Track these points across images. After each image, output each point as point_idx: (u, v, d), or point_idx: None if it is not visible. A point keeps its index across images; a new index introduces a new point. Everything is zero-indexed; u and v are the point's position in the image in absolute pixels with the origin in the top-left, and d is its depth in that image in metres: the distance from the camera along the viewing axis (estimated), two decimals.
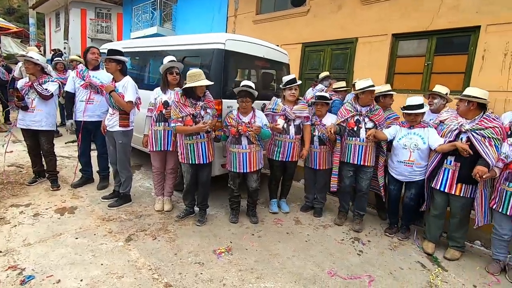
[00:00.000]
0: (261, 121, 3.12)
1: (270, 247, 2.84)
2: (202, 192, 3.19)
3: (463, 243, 2.91)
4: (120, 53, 3.16)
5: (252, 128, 2.98)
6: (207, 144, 3.01)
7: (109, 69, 3.17)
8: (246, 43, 3.53)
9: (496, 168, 2.57)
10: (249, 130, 2.99)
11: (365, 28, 5.49)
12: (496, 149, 2.53)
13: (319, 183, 3.55)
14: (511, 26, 4.11)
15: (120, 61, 3.16)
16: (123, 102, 3.12)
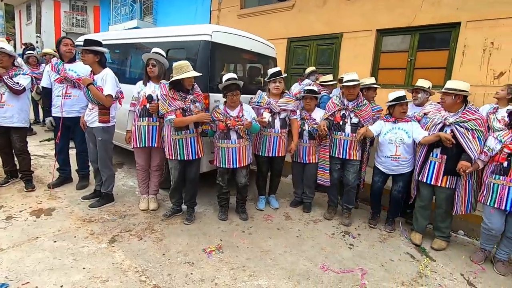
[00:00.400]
0: (250, 115, 3.05)
1: (261, 243, 2.78)
2: (190, 190, 3.08)
3: (448, 233, 2.98)
4: (97, 43, 2.96)
5: (242, 122, 2.90)
6: (197, 139, 2.90)
7: (86, 61, 2.97)
8: (233, 35, 3.43)
9: (479, 160, 2.62)
10: (239, 124, 2.91)
11: (350, 23, 5.52)
12: (479, 141, 2.58)
13: (307, 177, 3.51)
14: (489, 22, 4.24)
15: (98, 52, 2.95)
16: (102, 96, 2.92)
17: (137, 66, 4.00)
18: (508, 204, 2.43)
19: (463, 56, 4.49)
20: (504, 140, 2.46)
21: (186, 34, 3.31)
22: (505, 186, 2.43)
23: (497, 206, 2.48)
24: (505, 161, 2.42)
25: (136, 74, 4.01)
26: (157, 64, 3.00)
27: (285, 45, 6.41)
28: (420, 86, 3.31)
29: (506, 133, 2.49)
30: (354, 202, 3.46)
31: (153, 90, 3.03)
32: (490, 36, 4.26)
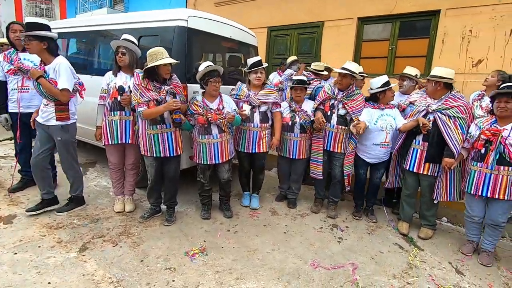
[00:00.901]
0: (230, 107, 2.85)
1: (247, 242, 2.63)
2: (170, 189, 2.85)
3: (434, 221, 2.96)
4: (42, 27, 2.48)
5: (224, 115, 2.70)
6: (174, 134, 2.67)
7: (30, 50, 2.52)
8: (211, 21, 3.19)
9: (464, 149, 2.59)
10: (221, 118, 2.70)
11: (331, 12, 5.40)
12: (461, 129, 2.55)
13: (295, 173, 3.37)
14: (468, 10, 4.25)
15: (44, 38, 2.49)
16: (56, 90, 2.51)
17: (106, 55, 3.68)
18: (484, 190, 2.40)
19: (443, 44, 4.50)
20: (483, 126, 2.41)
21: (159, 19, 3.03)
22: (482, 173, 2.40)
23: (474, 192, 2.47)
24: (482, 147, 2.38)
25: (106, 65, 3.69)
26: (127, 52, 2.72)
27: (265, 34, 6.20)
28: (407, 73, 3.24)
29: (487, 119, 2.46)
30: (340, 195, 3.38)
31: (125, 81, 2.76)
32: (469, 24, 4.28)
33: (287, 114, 3.20)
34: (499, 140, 2.27)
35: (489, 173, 2.36)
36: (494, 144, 2.28)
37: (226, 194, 3.09)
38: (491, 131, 2.30)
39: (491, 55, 4.17)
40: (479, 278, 2.37)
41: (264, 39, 6.19)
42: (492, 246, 2.56)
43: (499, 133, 2.26)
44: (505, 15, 4.01)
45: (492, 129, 2.32)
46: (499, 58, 4.11)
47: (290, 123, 3.18)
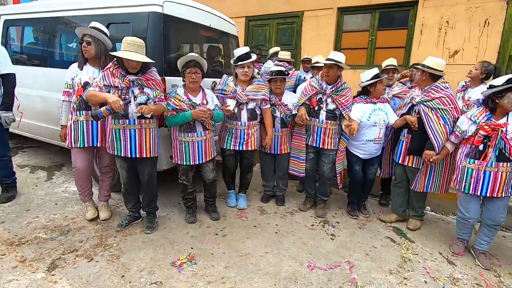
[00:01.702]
0: (212, 101, 2.64)
1: (238, 246, 2.47)
2: (147, 194, 2.59)
3: (421, 212, 2.95)
4: None
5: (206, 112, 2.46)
6: (140, 133, 2.35)
7: None
8: (189, 7, 2.91)
9: (449, 143, 2.51)
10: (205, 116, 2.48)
11: (310, 2, 5.27)
12: (443, 121, 2.48)
13: (280, 169, 3.22)
14: (445, 1, 4.31)
15: None
16: None
17: (69, 46, 3.28)
18: (484, 190, 2.27)
19: (421, 35, 4.55)
20: (479, 121, 2.26)
21: (130, 4, 2.70)
22: (480, 171, 2.26)
23: (472, 192, 2.31)
24: (480, 143, 2.24)
25: (69, 57, 3.29)
26: (93, 41, 2.40)
27: (243, 24, 5.96)
28: (395, 65, 3.22)
29: (480, 112, 2.29)
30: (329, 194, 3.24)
31: (91, 76, 2.45)
32: (445, 15, 4.34)
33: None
34: (500, 136, 2.16)
35: (489, 171, 2.23)
36: (494, 139, 2.18)
37: (212, 195, 2.89)
38: (491, 126, 2.18)
39: (467, 46, 4.27)
40: (470, 267, 2.40)
41: (242, 29, 5.95)
42: (489, 246, 2.46)
43: (500, 128, 2.16)
44: (480, 7, 4.11)
45: (492, 123, 2.19)
46: (474, 49, 4.22)
47: None
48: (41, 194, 3.15)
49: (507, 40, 4.01)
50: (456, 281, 2.22)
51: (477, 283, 2.21)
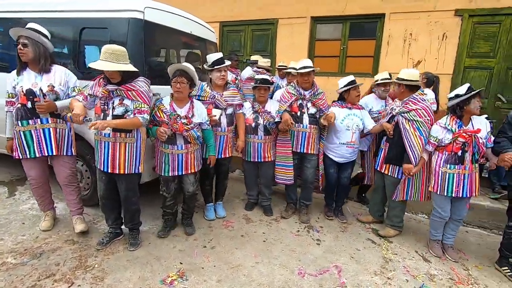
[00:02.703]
0: (201, 116, 2.53)
1: (228, 258, 2.44)
2: (127, 210, 2.44)
3: (397, 222, 2.95)
4: None
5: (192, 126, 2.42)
6: (114, 146, 2.22)
7: None
8: (170, 14, 2.83)
9: (425, 153, 2.63)
10: (187, 128, 2.40)
11: (285, 9, 5.39)
12: (419, 132, 2.57)
13: (264, 177, 3.21)
14: (408, 15, 4.65)
15: None
16: None
17: None
18: (464, 191, 2.45)
19: (388, 45, 4.86)
20: (454, 129, 2.42)
21: (107, 9, 2.56)
22: (461, 175, 2.43)
23: (455, 195, 2.47)
24: (459, 150, 2.41)
25: None
26: (30, 43, 2.24)
27: (218, 29, 5.91)
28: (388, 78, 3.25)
29: (451, 120, 2.47)
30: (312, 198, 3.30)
31: (34, 82, 2.29)
32: (409, 28, 4.69)
33: (250, 115, 3.04)
34: (475, 141, 2.38)
35: (467, 174, 2.43)
36: (470, 145, 2.40)
37: (189, 209, 2.79)
38: (468, 133, 2.37)
39: (428, 56, 4.65)
40: (442, 263, 2.61)
41: (217, 34, 5.89)
42: (453, 240, 2.71)
43: (477, 133, 2.37)
44: (439, 22, 4.50)
45: (468, 130, 2.38)
46: (434, 59, 4.61)
47: (253, 125, 3.01)
48: (4, 213, 2.85)
49: (462, 52, 4.44)
50: (432, 277, 2.40)
51: (450, 277, 2.41)
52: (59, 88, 2.36)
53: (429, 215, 3.46)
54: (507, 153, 2.25)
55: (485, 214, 3.36)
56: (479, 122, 2.46)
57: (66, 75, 2.41)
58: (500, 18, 4.19)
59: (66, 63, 2.62)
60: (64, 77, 2.39)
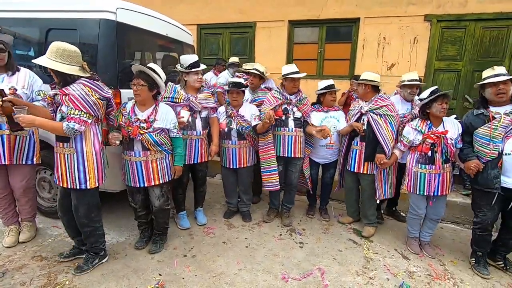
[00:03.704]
0: (167, 119, 2.37)
1: (210, 266, 2.37)
2: (81, 229, 2.20)
3: (374, 219, 3.06)
4: None
5: (151, 130, 2.27)
6: (57, 157, 2.05)
7: None
8: (144, 15, 2.74)
9: (397, 150, 2.74)
10: (141, 131, 2.25)
11: (263, 13, 5.40)
12: (390, 126, 2.72)
13: (242, 183, 3.15)
14: (381, 19, 4.80)
15: None
16: None
17: None
18: (436, 190, 2.55)
19: (363, 49, 4.99)
20: (424, 131, 2.52)
21: (76, 9, 2.43)
22: (431, 174, 2.53)
23: (427, 193, 2.57)
24: (429, 151, 2.51)
25: None
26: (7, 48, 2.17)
27: (196, 32, 5.82)
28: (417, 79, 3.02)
29: (422, 122, 2.56)
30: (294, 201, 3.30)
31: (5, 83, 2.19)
32: (383, 32, 4.85)
33: (224, 120, 2.97)
34: (443, 142, 2.48)
35: (438, 173, 2.51)
36: (439, 146, 2.49)
37: (158, 225, 2.56)
38: (436, 134, 2.49)
39: (401, 60, 4.82)
40: (420, 260, 2.68)
41: (195, 37, 5.80)
42: (430, 237, 2.80)
43: (444, 135, 2.47)
44: (410, 26, 4.68)
45: (436, 132, 2.46)
46: (407, 62, 4.78)
47: (226, 130, 2.95)
48: None
49: (432, 56, 4.65)
50: (412, 274, 2.46)
51: (428, 273, 2.48)
52: (22, 92, 2.20)
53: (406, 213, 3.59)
54: (471, 161, 2.34)
55: (458, 210, 3.50)
56: (451, 123, 2.55)
57: (31, 78, 2.26)
58: (465, 24, 4.43)
59: (32, 66, 2.45)
60: (28, 80, 2.24)
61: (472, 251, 2.63)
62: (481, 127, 2.34)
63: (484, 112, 2.34)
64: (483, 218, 2.42)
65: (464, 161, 2.43)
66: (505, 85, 2.24)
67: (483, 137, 2.34)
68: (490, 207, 2.38)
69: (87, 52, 2.41)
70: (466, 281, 2.41)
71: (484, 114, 2.34)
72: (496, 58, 4.37)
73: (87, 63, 2.00)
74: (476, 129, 2.38)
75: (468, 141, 2.47)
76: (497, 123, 2.26)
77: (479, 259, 2.54)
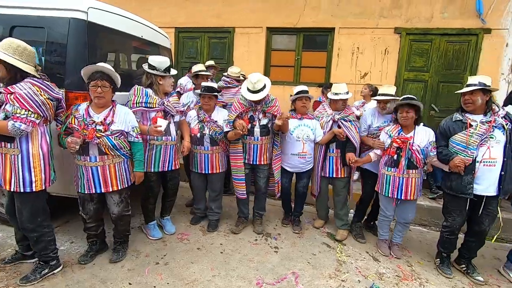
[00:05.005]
0: (124, 124, 2.23)
1: (183, 273, 2.32)
2: (29, 236, 2.09)
3: (347, 220, 3.19)
4: None
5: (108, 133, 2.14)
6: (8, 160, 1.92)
7: None
8: (118, 16, 2.66)
9: (373, 153, 2.84)
10: (98, 134, 2.11)
11: (241, 19, 5.44)
12: (357, 129, 3.00)
13: (213, 190, 3.06)
14: (355, 30, 5.01)
15: None
16: None
17: None
18: (399, 193, 2.65)
19: (338, 57, 5.17)
20: (393, 135, 2.67)
21: (45, 7, 2.30)
22: (396, 177, 2.64)
23: (390, 195, 2.69)
24: (394, 154, 2.63)
25: None
26: None
27: (173, 35, 5.75)
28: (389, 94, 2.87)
29: (394, 127, 2.70)
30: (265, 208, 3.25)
31: None
32: (356, 42, 5.05)
33: (195, 125, 2.89)
34: (408, 147, 2.60)
35: (402, 177, 2.62)
36: (404, 150, 2.63)
37: (118, 233, 2.44)
38: (401, 139, 2.63)
39: (373, 69, 5.04)
40: (390, 262, 2.78)
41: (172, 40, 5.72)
42: (401, 239, 2.91)
43: (408, 140, 2.61)
44: (381, 38, 4.92)
45: (401, 137, 2.62)
46: (379, 72, 5.01)
47: (198, 135, 2.87)
48: None
49: (401, 66, 4.90)
50: (381, 275, 2.55)
51: (397, 275, 2.58)
52: None
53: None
54: (455, 158, 2.40)
55: (425, 213, 3.68)
56: (423, 131, 2.65)
57: None
58: (431, 37, 4.72)
59: None
60: None
61: (437, 252, 2.76)
62: (458, 133, 2.42)
63: (463, 119, 2.43)
64: (452, 223, 2.53)
65: (448, 162, 2.45)
66: (472, 95, 2.36)
67: (459, 144, 2.41)
68: (459, 213, 2.48)
69: (55, 52, 2.33)
70: (431, 280, 2.53)
71: (463, 121, 2.43)
72: (458, 70, 4.70)
73: (56, 63, 1.92)
74: (453, 134, 2.45)
75: (444, 145, 2.55)
76: (473, 130, 2.36)
77: (443, 259, 2.68)
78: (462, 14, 4.53)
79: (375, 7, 4.85)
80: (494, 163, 2.35)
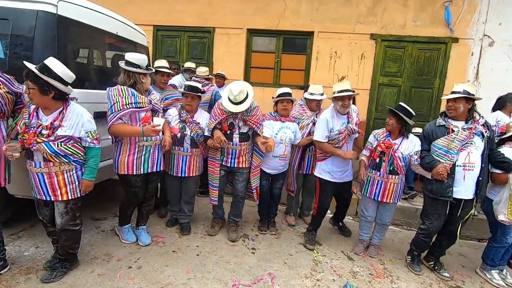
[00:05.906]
0: (75, 128, 2.00)
1: (157, 277, 2.26)
2: None
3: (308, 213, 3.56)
4: None
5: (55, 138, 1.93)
6: None
7: None
8: (91, 11, 2.56)
9: (364, 156, 2.90)
10: (38, 140, 1.90)
11: (221, 19, 5.42)
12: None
13: (186, 192, 2.98)
14: (333, 35, 5.13)
15: None
16: None
17: None
18: (376, 195, 2.73)
19: (317, 61, 5.27)
20: (379, 139, 2.73)
21: None
22: (375, 179, 2.72)
23: (368, 195, 2.78)
24: (377, 157, 2.70)
25: None
26: None
27: (151, 33, 5.62)
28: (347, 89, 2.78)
29: (383, 132, 2.76)
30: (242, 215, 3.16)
31: None
32: (334, 46, 5.17)
33: (176, 125, 2.80)
34: (391, 153, 2.65)
35: (381, 180, 2.69)
36: (387, 155, 2.68)
37: (60, 248, 2.18)
38: (386, 144, 2.65)
39: (350, 73, 5.18)
40: (364, 260, 2.86)
41: (150, 39, 5.60)
42: (379, 241, 2.99)
43: (391, 146, 2.66)
44: (358, 43, 5.07)
45: (386, 142, 2.66)
46: (355, 76, 5.15)
47: (179, 135, 2.77)
48: None
49: (377, 71, 5.07)
50: (355, 274, 2.61)
51: (370, 273, 2.65)
52: None
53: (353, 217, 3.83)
54: (438, 166, 2.44)
55: (397, 213, 3.79)
56: (410, 140, 2.66)
57: None
58: (404, 44, 4.93)
59: None
60: None
61: (409, 250, 2.87)
62: (440, 138, 2.49)
63: (446, 124, 2.51)
64: (429, 226, 2.60)
65: (431, 169, 2.50)
66: (455, 102, 2.44)
67: (441, 148, 2.48)
68: (438, 217, 2.56)
69: (20, 45, 2.20)
70: (402, 277, 2.63)
71: (445, 127, 2.50)
72: (429, 76, 4.94)
73: (22, 57, 1.80)
74: (436, 139, 2.52)
75: (427, 149, 2.62)
76: (454, 135, 2.43)
77: (414, 257, 2.80)
78: (432, 23, 4.76)
79: (353, 13, 5.00)
80: (472, 168, 2.45)
